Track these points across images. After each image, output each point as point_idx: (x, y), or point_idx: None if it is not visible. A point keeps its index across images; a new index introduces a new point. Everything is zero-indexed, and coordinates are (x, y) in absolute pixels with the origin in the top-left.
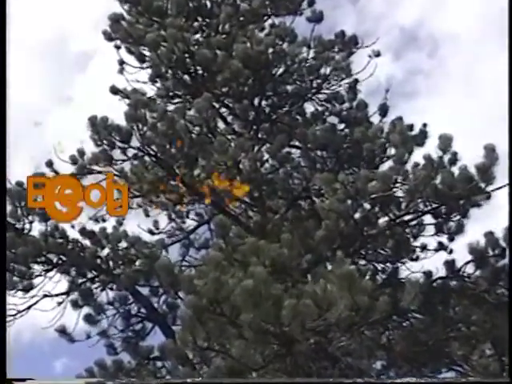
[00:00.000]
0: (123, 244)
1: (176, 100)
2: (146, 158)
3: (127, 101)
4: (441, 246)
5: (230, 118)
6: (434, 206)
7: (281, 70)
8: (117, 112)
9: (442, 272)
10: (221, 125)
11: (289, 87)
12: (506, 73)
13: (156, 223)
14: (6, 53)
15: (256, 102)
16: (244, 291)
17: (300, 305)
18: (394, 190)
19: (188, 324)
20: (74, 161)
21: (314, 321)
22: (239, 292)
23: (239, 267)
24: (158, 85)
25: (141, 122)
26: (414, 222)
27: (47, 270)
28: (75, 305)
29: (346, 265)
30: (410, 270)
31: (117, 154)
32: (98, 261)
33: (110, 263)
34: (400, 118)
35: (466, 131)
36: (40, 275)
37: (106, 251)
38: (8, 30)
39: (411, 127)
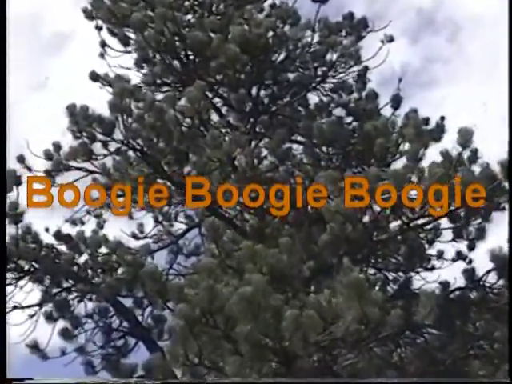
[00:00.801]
0: (103, 249)
1: (164, 88)
2: (131, 153)
3: (110, 88)
4: (459, 254)
5: (224, 110)
6: (452, 208)
7: (282, 56)
8: (98, 101)
9: (461, 282)
10: (214, 117)
11: (290, 75)
12: (507, 73)
13: (141, 226)
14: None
15: (254, 91)
16: (240, 301)
17: (302, 317)
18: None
19: (180, 336)
20: (48, 156)
21: (318, 335)
22: (234, 302)
23: (234, 275)
24: (145, 71)
25: (125, 113)
26: (429, 227)
27: (18, 279)
28: (49, 317)
29: (354, 273)
30: (425, 280)
31: (98, 147)
32: (75, 268)
33: (89, 271)
34: (415, 111)
35: (488, 125)
36: (10, 284)
37: (84, 257)
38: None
39: (427, 120)
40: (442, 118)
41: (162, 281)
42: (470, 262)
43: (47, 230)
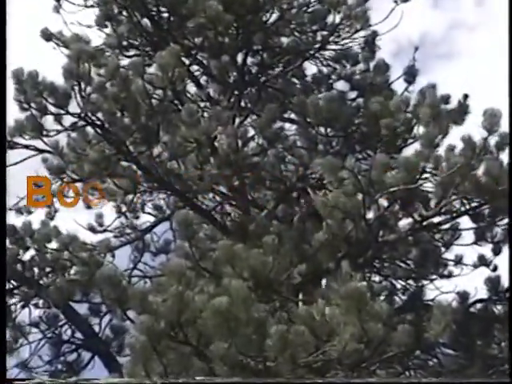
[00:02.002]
0: (54, 245)
1: (131, 52)
2: (89, 130)
3: (65, 50)
4: (482, 259)
5: (203, 80)
6: (474, 204)
7: (274, 17)
8: (51, 65)
9: (483, 293)
10: (191, 88)
11: (284, 40)
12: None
13: (100, 218)
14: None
15: (239, 58)
16: (215, 312)
17: (291, 333)
18: (421, 181)
19: (140, 354)
20: None
21: (310, 355)
22: (209, 313)
23: (210, 280)
24: (108, 30)
25: (83, 81)
26: (446, 226)
27: None
28: None
29: (354, 280)
30: (440, 290)
31: (49, 122)
32: (19, 266)
33: (36, 270)
34: (433, 86)
35: None
36: None
37: (30, 254)
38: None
39: (447, 99)
40: (465, 97)
41: (123, 284)
42: (495, 269)
43: None
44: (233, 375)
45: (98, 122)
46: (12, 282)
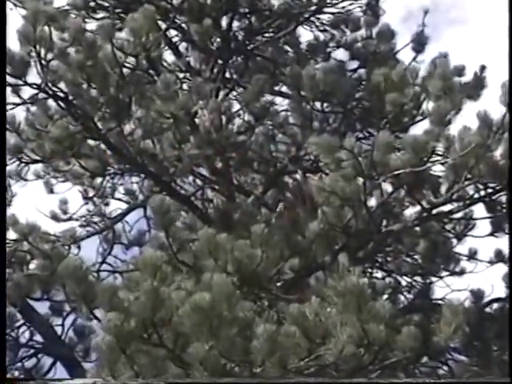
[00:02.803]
0: (11, 235)
1: (100, 14)
2: (51, 103)
3: (22, 11)
4: (499, 254)
5: (182, 46)
6: (491, 190)
7: None
8: (8, 29)
9: (500, 291)
10: (168, 56)
11: (275, 1)
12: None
13: (63, 204)
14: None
15: (224, 22)
16: (195, 310)
17: (280, 334)
18: (431, 164)
19: (107, 357)
20: None
21: (301, 359)
22: (188, 311)
23: (189, 274)
24: None
25: (43, 46)
26: (458, 215)
27: None
28: None
29: (353, 276)
30: (451, 288)
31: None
32: None
33: None
34: (444, 56)
35: None
36: None
37: None
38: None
39: (461, 70)
40: (482, 68)
41: (90, 280)
42: None
43: None
44: (213, 381)
45: (61, 94)
46: None
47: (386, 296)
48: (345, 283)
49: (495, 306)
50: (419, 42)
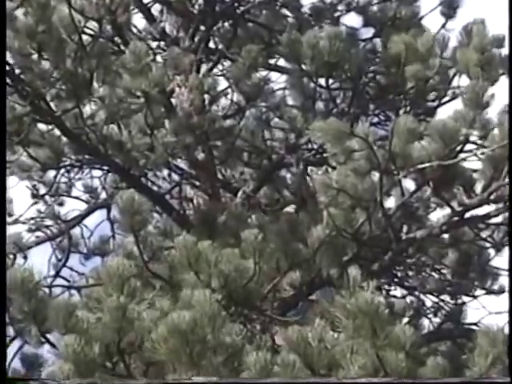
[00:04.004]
0: None
1: None
2: None
3: None
4: None
5: (156, 9)
6: None
7: None
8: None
9: None
10: (139, 20)
11: None
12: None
13: (7, 204)
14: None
15: None
16: (171, 334)
17: (276, 364)
18: (463, 156)
19: None
20: None
21: None
22: (162, 335)
23: (164, 290)
24: None
25: None
26: (497, 220)
27: None
28: None
29: (367, 293)
30: (488, 310)
31: None
32: None
33: None
34: (481, 22)
35: None
36: None
37: None
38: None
39: (501, 40)
40: None
41: (40, 296)
42: None
43: None
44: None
45: (7, 68)
46: None
47: (406, 319)
48: (356, 302)
49: None
50: (449, 6)
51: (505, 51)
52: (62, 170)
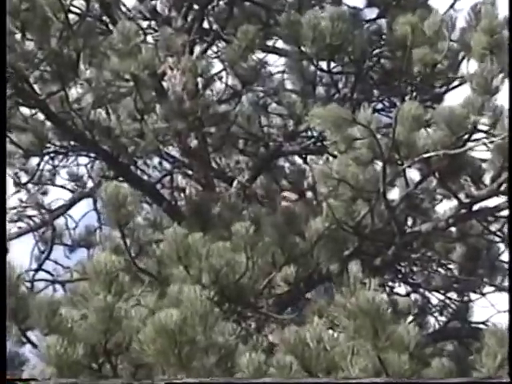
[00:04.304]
0: None
1: None
2: None
3: None
4: None
5: None
6: None
7: None
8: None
9: None
10: None
11: None
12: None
13: None
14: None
15: None
16: (160, 334)
17: (271, 365)
18: (470, 145)
19: None
20: None
21: None
22: (150, 335)
23: (152, 286)
24: None
25: None
26: (507, 212)
27: None
28: None
29: (368, 291)
30: (496, 309)
31: None
32: None
33: None
34: (491, 4)
35: None
36: None
37: None
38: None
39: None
40: None
41: (22, 291)
42: None
43: None
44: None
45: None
46: None
47: (410, 318)
48: (357, 300)
49: None
50: None
51: None
52: (46, 157)
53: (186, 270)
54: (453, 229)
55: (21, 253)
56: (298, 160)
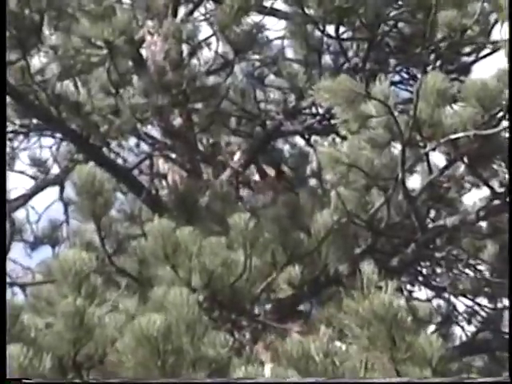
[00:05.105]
0: None
1: None
2: None
3: None
4: None
5: None
6: None
7: None
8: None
9: None
10: None
11: None
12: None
13: None
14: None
15: None
16: (141, 343)
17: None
18: (506, 124)
19: None
20: None
21: None
22: (129, 345)
23: (131, 289)
24: None
25: None
26: None
27: None
28: None
29: (384, 295)
30: None
31: None
32: None
33: None
34: None
35: None
36: None
37: None
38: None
39: None
40: None
41: None
42: None
43: None
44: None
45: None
46: None
47: (433, 327)
48: (370, 306)
49: None
50: None
51: None
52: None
53: (172, 270)
54: (483, 223)
55: None
56: (300, 141)
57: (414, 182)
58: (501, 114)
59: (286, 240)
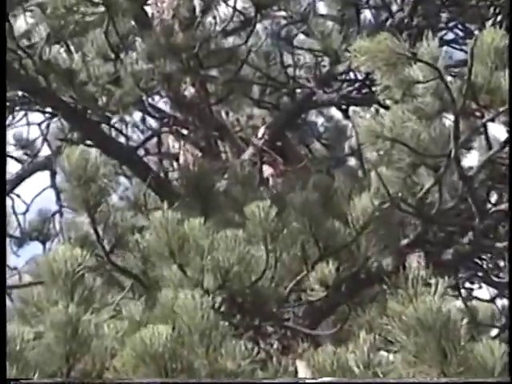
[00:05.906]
0: None
1: None
2: None
3: None
4: None
5: None
6: None
7: None
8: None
9: None
10: None
11: None
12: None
13: None
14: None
15: None
16: (145, 357)
17: None
18: None
19: None
20: None
21: None
22: (132, 359)
23: (134, 292)
24: None
25: None
26: None
27: None
28: None
29: (435, 295)
30: None
31: None
32: None
33: None
34: None
35: None
36: None
37: None
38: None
39: None
40: None
41: None
42: None
43: None
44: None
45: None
46: None
47: (495, 331)
48: (418, 308)
49: None
50: None
51: None
52: None
53: (180, 269)
54: None
55: None
56: (336, 113)
57: (471, 159)
58: None
59: (317, 231)
